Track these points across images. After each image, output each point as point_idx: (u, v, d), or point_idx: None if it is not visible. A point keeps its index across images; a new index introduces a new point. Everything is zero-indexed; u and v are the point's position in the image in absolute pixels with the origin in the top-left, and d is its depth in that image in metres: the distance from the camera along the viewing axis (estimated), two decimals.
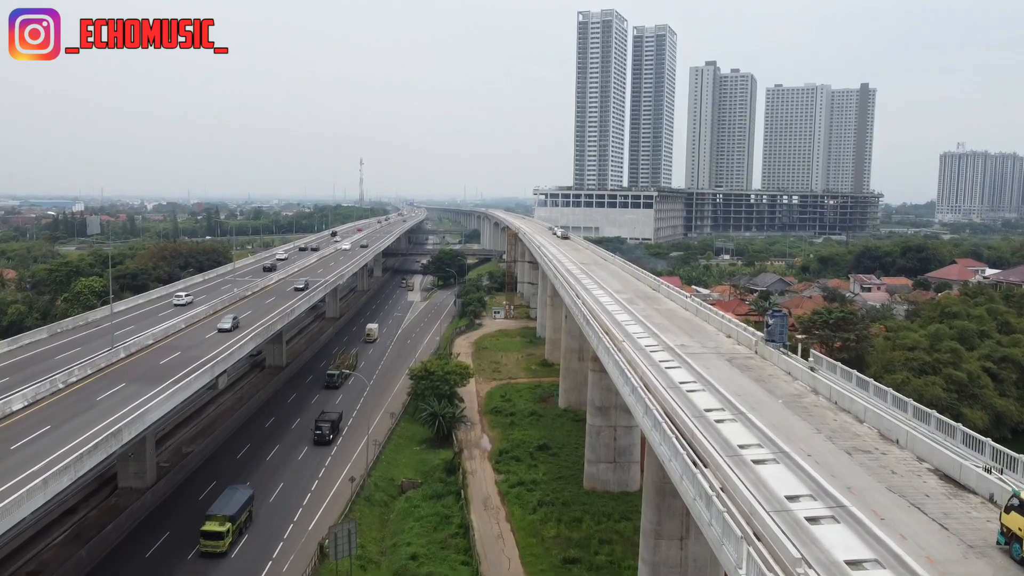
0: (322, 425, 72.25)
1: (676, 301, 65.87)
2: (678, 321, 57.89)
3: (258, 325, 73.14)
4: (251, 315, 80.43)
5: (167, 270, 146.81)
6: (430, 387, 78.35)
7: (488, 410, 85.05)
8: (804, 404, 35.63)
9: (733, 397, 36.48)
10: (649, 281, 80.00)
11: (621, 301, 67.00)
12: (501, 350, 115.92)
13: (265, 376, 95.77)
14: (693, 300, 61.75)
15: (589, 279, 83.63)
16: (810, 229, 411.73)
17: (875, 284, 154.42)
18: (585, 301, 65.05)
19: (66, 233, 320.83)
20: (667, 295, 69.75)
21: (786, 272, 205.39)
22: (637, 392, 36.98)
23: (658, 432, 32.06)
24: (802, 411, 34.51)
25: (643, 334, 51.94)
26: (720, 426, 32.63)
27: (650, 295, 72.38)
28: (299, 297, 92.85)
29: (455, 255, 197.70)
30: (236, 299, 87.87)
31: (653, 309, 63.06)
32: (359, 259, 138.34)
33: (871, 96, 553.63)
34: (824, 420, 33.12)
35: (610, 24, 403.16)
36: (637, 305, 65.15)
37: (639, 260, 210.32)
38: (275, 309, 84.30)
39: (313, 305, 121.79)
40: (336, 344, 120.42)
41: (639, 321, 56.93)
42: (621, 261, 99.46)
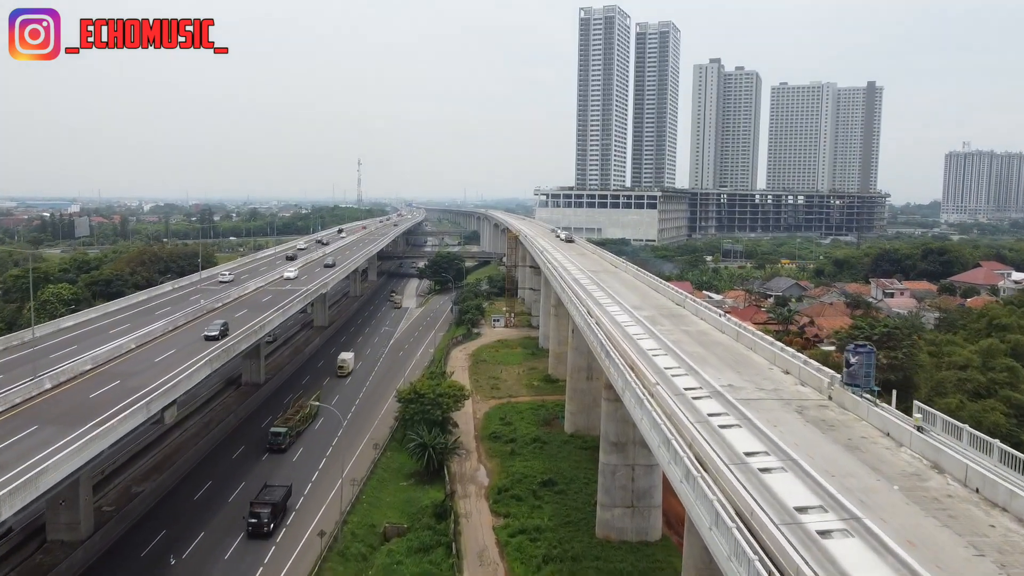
0: (259, 511, 52.00)
1: (708, 320, 56.01)
2: (716, 349, 47.95)
3: (217, 348, 63.26)
4: None
5: (145, 275, 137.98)
6: (420, 412, 69.37)
7: (486, 435, 76.03)
8: (933, 494, 24.84)
9: (827, 480, 25.90)
10: (671, 294, 69.01)
11: (642, 320, 56.86)
12: (501, 363, 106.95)
13: (239, 395, 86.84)
14: (730, 321, 52.39)
15: (600, 291, 73.45)
16: (816, 230, 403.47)
17: (898, 289, 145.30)
18: (600, 321, 55.06)
19: (54, 236, 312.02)
20: (696, 312, 59.26)
21: (798, 275, 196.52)
22: (696, 481, 26.30)
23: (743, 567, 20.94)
24: (936, 509, 23.66)
25: (677, 369, 42.17)
26: (828, 543, 21.52)
27: (675, 312, 61.64)
28: (273, 310, 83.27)
29: (453, 258, 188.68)
30: (204, 311, 78.60)
31: (682, 331, 53.06)
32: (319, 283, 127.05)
33: (878, 94, 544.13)
34: (976, 527, 22.43)
35: (612, 20, 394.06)
36: (662, 326, 55.11)
37: (646, 263, 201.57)
38: (247, 322, 75.32)
39: (302, 311, 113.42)
40: (323, 356, 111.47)
41: (668, 350, 47.03)
42: (634, 269, 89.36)
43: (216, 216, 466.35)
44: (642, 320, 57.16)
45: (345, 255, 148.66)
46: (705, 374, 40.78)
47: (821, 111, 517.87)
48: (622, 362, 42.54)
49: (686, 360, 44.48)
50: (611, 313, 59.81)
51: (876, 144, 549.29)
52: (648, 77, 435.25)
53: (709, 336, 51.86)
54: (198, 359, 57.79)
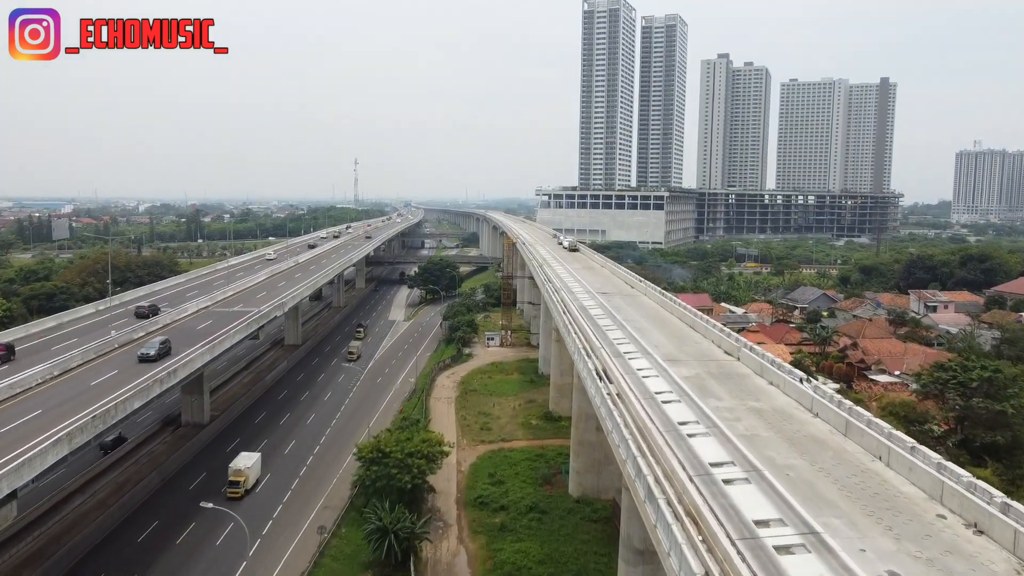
0: None
1: (781, 385, 37.37)
2: (818, 451, 29.24)
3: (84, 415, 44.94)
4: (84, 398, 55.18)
5: (98, 287, 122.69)
6: (383, 477, 53.99)
7: (471, 499, 60.60)
8: None
9: None
10: (715, 335, 49.76)
11: (682, 385, 38.56)
12: (494, 393, 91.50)
13: (177, 440, 71.58)
14: (824, 394, 33.73)
15: (617, 327, 55.24)
16: (827, 231, 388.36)
17: (941, 302, 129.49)
18: (623, 394, 36.21)
19: (31, 238, 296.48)
20: (760, 371, 40.65)
21: (820, 283, 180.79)
22: None
23: None
24: None
25: (771, 513, 23.93)
26: None
27: (729, 368, 42.81)
28: (201, 345, 63.82)
29: (446, 265, 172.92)
30: (112, 347, 62.34)
31: (750, 410, 34.52)
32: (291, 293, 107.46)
33: (892, 91, 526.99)
34: None
35: (617, 13, 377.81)
36: (715, 395, 36.96)
37: (657, 270, 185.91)
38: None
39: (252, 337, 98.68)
40: (289, 383, 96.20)
41: (741, 457, 28.48)
42: (657, 292, 70.79)
43: (207, 217, 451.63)
44: (682, 385, 38.42)
45: (309, 270, 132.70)
46: (828, 534, 22.30)
47: (833, 108, 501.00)
48: (676, 508, 23.99)
49: (776, 486, 25.73)
50: (638, 373, 40.96)
51: (889, 143, 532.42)
52: (654, 73, 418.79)
53: (795, 420, 32.36)
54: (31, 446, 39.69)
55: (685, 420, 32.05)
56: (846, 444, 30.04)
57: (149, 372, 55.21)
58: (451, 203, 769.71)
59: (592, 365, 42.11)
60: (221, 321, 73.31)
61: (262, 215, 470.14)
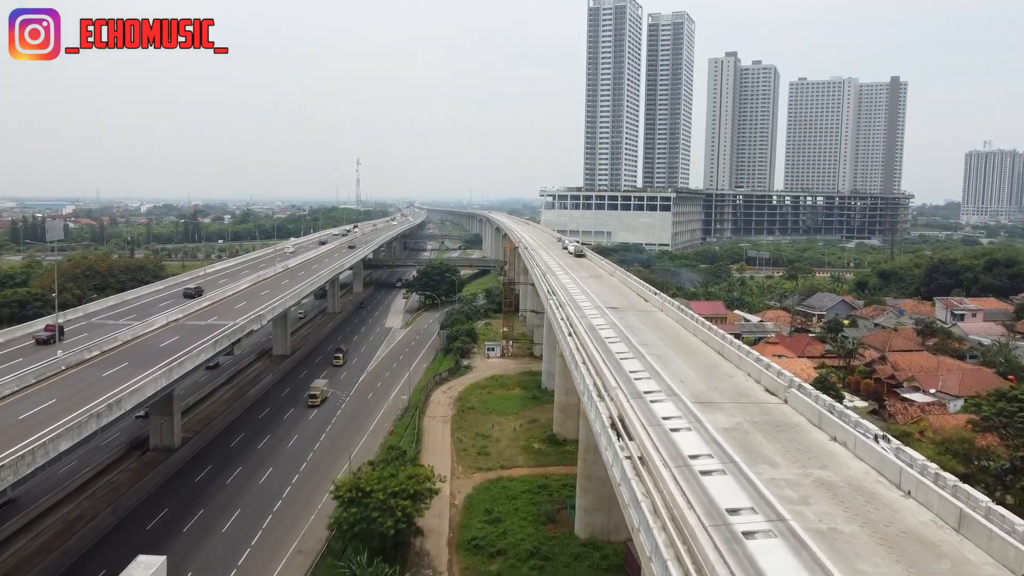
0: None
1: (849, 444, 28.60)
2: (928, 560, 20.87)
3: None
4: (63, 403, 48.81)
5: (77, 293, 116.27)
6: (363, 520, 47.07)
7: (464, 543, 53.53)
8: None
9: None
10: (751, 366, 40.84)
11: (721, 443, 29.67)
12: (493, 412, 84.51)
13: (143, 467, 64.79)
14: (916, 463, 25.36)
15: (632, 354, 46.28)
16: (837, 232, 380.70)
17: (969, 310, 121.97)
18: (648, 460, 27.59)
19: (24, 239, 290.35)
20: (815, 418, 31.77)
21: (835, 287, 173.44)
22: None
23: None
24: None
25: None
26: None
27: (777, 415, 33.54)
28: (157, 368, 56.11)
29: (445, 269, 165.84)
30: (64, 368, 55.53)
31: (817, 483, 25.87)
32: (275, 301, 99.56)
33: (902, 90, 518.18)
34: None
35: (623, 10, 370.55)
36: (766, 458, 28.20)
37: (665, 274, 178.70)
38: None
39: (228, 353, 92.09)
40: (273, 399, 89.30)
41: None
42: (676, 309, 62.05)
43: (207, 218, 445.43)
44: (724, 444, 29.16)
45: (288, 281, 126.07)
46: None
47: (842, 108, 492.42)
48: None
49: None
50: (665, 424, 31.87)
51: (900, 142, 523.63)
52: (661, 71, 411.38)
53: (884, 509, 23.50)
54: None
55: (736, 507, 23.74)
56: (963, 548, 21.08)
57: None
58: (455, 204, 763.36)
59: (605, 411, 33.78)
60: (191, 336, 66.38)
61: (263, 216, 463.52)
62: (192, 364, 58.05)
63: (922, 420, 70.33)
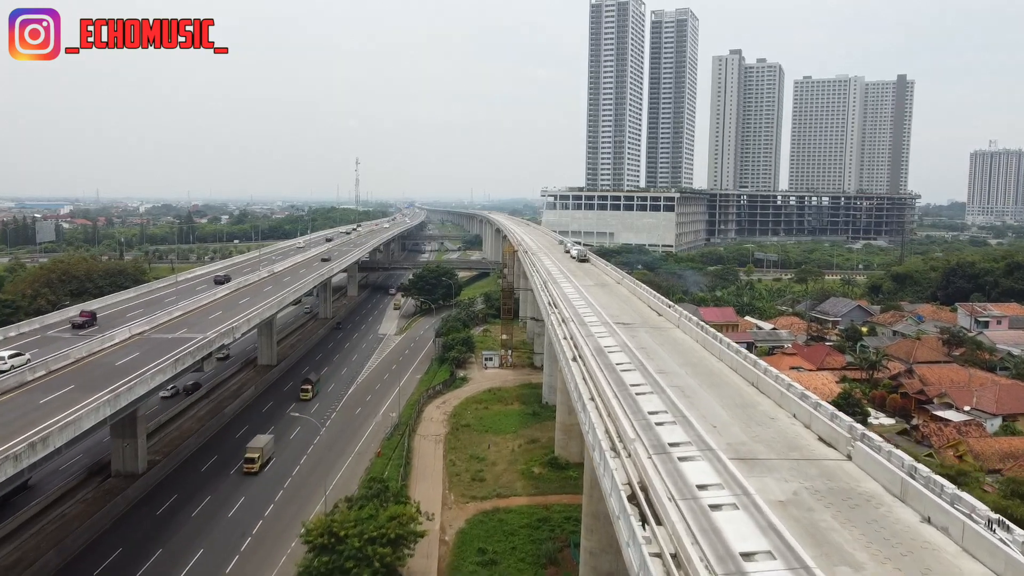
0: None
1: (951, 530, 21.44)
2: None
3: None
4: None
5: (51, 299, 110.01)
6: (335, 571, 40.82)
7: None
8: None
9: None
10: (796, 406, 33.41)
11: (780, 530, 22.10)
12: (490, 430, 78.22)
13: (101, 495, 58.57)
14: None
15: (650, 386, 38.89)
16: (842, 233, 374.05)
17: (994, 316, 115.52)
18: (683, 560, 20.13)
19: (17, 240, 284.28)
20: (896, 486, 24.47)
21: (847, 291, 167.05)
22: None
23: None
24: None
25: None
26: None
27: (843, 479, 26.27)
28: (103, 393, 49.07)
29: (442, 272, 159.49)
30: None
31: None
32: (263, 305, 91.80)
33: (909, 89, 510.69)
34: None
35: (626, 7, 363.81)
36: (846, 557, 20.55)
37: (670, 277, 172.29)
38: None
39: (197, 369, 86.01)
40: (254, 415, 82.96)
41: None
42: (694, 325, 53.82)
43: (204, 218, 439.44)
44: (784, 532, 21.79)
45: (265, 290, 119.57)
46: None
47: (848, 107, 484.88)
48: None
49: None
50: (701, 498, 24.59)
51: (907, 142, 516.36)
52: (664, 69, 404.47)
53: None
54: None
55: None
56: None
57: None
58: (456, 203, 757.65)
59: (623, 477, 26.28)
60: (153, 352, 60.08)
61: (261, 216, 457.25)
62: (145, 389, 51.53)
63: (960, 443, 64.08)
